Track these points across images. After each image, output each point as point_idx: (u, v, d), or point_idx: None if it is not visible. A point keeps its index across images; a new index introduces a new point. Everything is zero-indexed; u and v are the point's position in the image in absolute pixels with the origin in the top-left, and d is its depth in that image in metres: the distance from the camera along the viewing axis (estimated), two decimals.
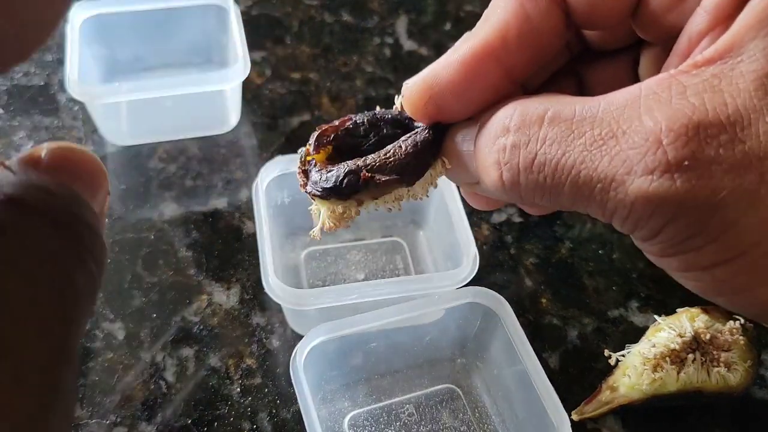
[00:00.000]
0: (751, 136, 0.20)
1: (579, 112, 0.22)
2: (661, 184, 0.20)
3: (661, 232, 0.21)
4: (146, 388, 0.48)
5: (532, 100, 0.23)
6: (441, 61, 0.26)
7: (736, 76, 0.20)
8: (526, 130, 0.23)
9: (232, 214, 0.59)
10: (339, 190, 0.25)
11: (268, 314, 0.52)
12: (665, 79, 0.21)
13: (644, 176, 0.20)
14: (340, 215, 0.26)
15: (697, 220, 0.20)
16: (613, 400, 0.47)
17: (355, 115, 0.27)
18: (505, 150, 0.23)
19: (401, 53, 0.73)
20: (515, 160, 0.23)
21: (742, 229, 0.20)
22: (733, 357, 0.45)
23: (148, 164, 0.62)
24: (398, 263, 0.56)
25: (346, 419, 0.47)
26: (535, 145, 0.22)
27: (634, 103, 0.21)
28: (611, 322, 0.54)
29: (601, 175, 0.21)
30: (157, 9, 0.64)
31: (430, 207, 0.57)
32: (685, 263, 0.22)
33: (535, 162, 0.22)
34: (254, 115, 0.66)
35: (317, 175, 0.26)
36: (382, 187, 0.26)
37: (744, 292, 0.22)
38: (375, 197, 0.26)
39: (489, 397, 0.49)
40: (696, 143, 0.20)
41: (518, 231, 0.59)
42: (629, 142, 0.21)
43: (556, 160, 0.22)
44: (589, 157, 0.21)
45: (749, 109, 0.20)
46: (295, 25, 0.75)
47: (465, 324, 0.49)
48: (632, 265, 0.57)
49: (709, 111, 0.20)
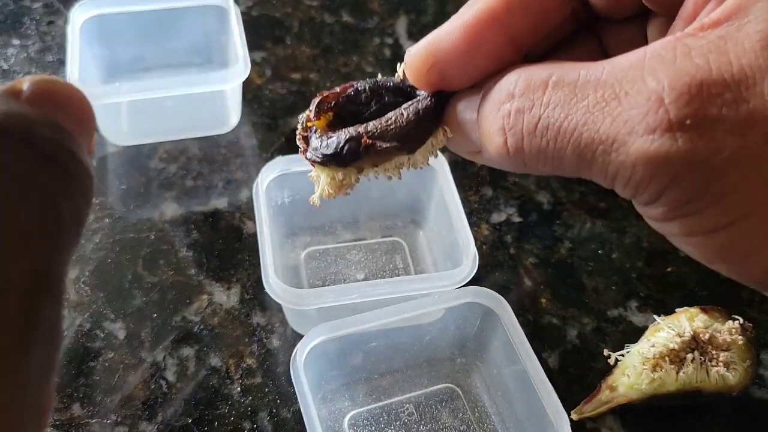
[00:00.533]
0: (756, 95, 0.19)
1: (583, 75, 0.22)
2: (663, 144, 0.20)
3: (662, 194, 0.21)
4: (147, 388, 0.48)
5: (536, 66, 0.23)
6: (444, 27, 0.25)
7: (742, 37, 0.20)
8: (530, 95, 0.22)
9: (232, 214, 0.59)
10: (339, 157, 0.25)
11: (269, 314, 0.53)
12: (670, 42, 0.21)
13: (645, 136, 0.20)
14: (340, 182, 0.26)
15: (699, 181, 0.20)
16: (612, 400, 0.47)
17: (356, 82, 0.27)
18: (510, 115, 0.23)
19: (401, 53, 0.73)
20: (519, 125, 0.23)
21: (744, 191, 0.20)
22: (732, 357, 0.45)
23: (148, 164, 0.62)
24: (398, 263, 0.57)
25: (346, 419, 0.48)
26: (539, 110, 0.22)
27: (638, 65, 0.21)
28: (610, 321, 0.54)
29: (602, 136, 0.21)
30: (158, 9, 0.64)
31: (430, 207, 0.57)
32: (687, 228, 0.21)
33: (538, 126, 0.22)
34: (254, 115, 0.66)
35: (317, 142, 0.26)
36: (383, 154, 0.25)
37: (746, 258, 0.21)
38: (375, 164, 0.26)
39: (488, 397, 0.49)
40: (698, 102, 0.19)
41: (518, 231, 0.59)
42: (631, 102, 0.20)
43: (559, 123, 0.22)
44: (591, 119, 0.21)
45: (754, 69, 0.19)
46: (295, 26, 0.75)
47: (465, 324, 0.49)
48: (632, 264, 0.57)
49: (713, 70, 0.20)
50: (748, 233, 0.20)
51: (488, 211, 0.60)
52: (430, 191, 0.56)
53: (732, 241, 0.21)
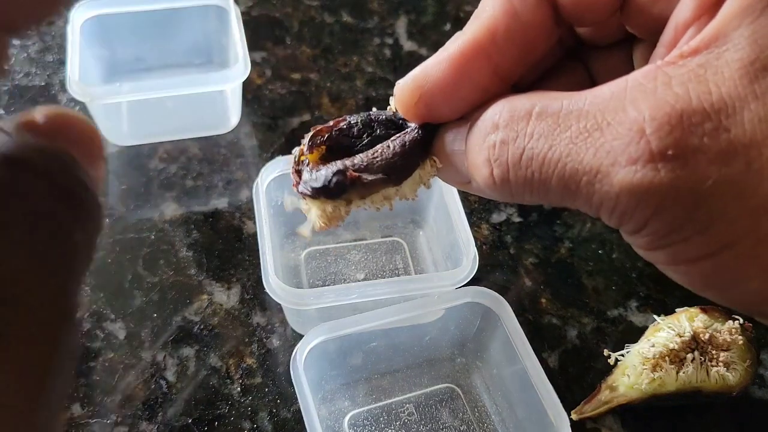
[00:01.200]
0: (737, 123, 0.19)
1: (566, 106, 0.22)
2: (645, 175, 0.20)
3: (647, 224, 0.21)
4: (147, 388, 0.48)
5: (520, 97, 0.23)
6: (431, 60, 0.26)
7: (722, 65, 0.20)
8: (515, 126, 0.23)
9: (232, 214, 0.59)
10: (327, 190, 0.26)
11: (269, 314, 0.53)
12: (651, 71, 0.21)
13: (628, 167, 0.20)
14: (330, 215, 0.27)
15: (683, 211, 0.20)
16: (612, 400, 0.47)
17: (349, 116, 0.28)
18: (495, 147, 0.23)
19: (401, 53, 0.73)
20: (504, 156, 0.23)
21: (728, 220, 0.20)
22: (732, 356, 0.45)
23: (148, 164, 0.62)
24: (398, 263, 0.57)
25: (346, 419, 0.48)
26: (523, 140, 0.22)
27: (620, 95, 0.21)
28: (610, 321, 0.54)
29: (586, 167, 0.21)
30: (158, 9, 0.64)
31: (430, 207, 0.57)
32: (673, 256, 0.22)
33: (523, 157, 0.22)
34: (254, 115, 0.66)
35: (308, 175, 0.26)
36: (369, 186, 0.26)
37: (732, 285, 0.21)
38: (363, 197, 0.26)
39: (488, 397, 0.49)
40: (679, 132, 0.20)
41: (518, 231, 0.59)
42: (613, 133, 0.20)
43: (543, 154, 0.22)
44: (574, 150, 0.21)
45: (734, 98, 0.20)
46: (295, 26, 0.75)
47: (465, 324, 0.49)
48: (632, 264, 0.57)
49: (693, 99, 0.20)
50: (733, 261, 0.20)
51: (488, 211, 0.60)
52: (430, 191, 0.56)
53: (717, 270, 0.21)
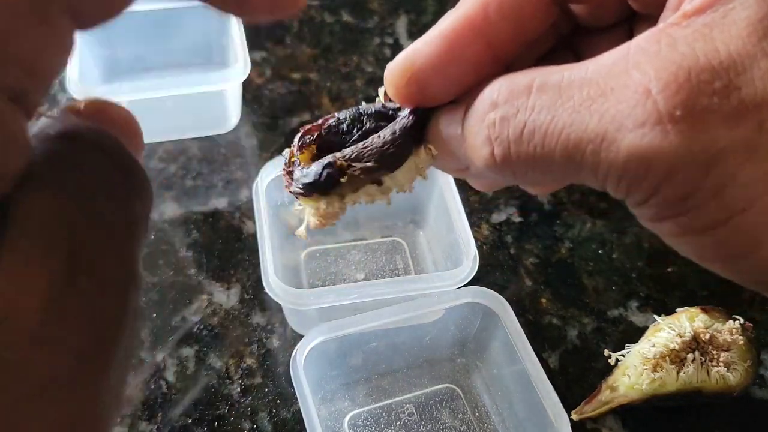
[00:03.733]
0: (747, 82, 0.19)
1: (567, 76, 0.21)
2: (654, 137, 0.19)
3: (656, 192, 0.20)
4: (147, 388, 0.48)
5: (518, 73, 0.23)
6: (422, 39, 0.25)
7: (728, 23, 0.19)
8: (515, 101, 0.22)
9: (232, 214, 0.59)
10: (318, 184, 0.25)
11: (268, 314, 0.52)
12: (654, 34, 0.20)
13: (636, 130, 0.19)
14: (324, 212, 0.26)
15: (693, 175, 0.19)
16: (612, 400, 0.47)
17: (338, 113, 0.27)
18: (495, 124, 0.22)
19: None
20: (505, 133, 0.22)
21: (740, 184, 0.19)
22: (732, 357, 0.45)
23: (148, 164, 0.62)
24: (398, 263, 0.57)
25: (346, 419, 0.48)
26: (524, 114, 0.22)
27: (623, 60, 0.20)
28: (611, 321, 0.54)
29: (591, 135, 0.20)
30: (158, 9, 0.64)
31: (430, 207, 0.57)
32: (684, 226, 0.21)
33: (525, 131, 0.21)
34: (254, 115, 0.66)
35: (299, 173, 0.26)
36: (361, 175, 0.25)
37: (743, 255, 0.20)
38: (356, 189, 0.26)
39: (489, 397, 0.49)
40: (687, 90, 0.19)
41: (518, 231, 0.59)
42: (618, 98, 0.20)
43: (545, 126, 0.21)
44: (578, 119, 0.20)
45: (743, 55, 0.19)
46: (295, 25, 0.75)
47: (465, 324, 0.49)
48: (632, 264, 0.57)
49: (700, 57, 0.19)
50: (747, 228, 0.20)
51: (488, 211, 0.60)
52: (430, 191, 0.56)
53: (730, 238, 0.20)
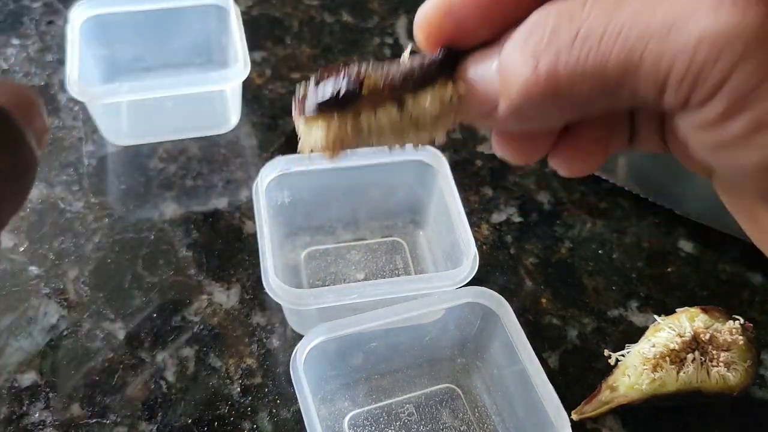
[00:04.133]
0: None
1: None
2: (731, 17, 0.17)
3: (726, 81, 0.18)
4: (146, 388, 0.48)
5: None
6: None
7: None
8: (569, 12, 0.20)
9: (232, 214, 0.59)
10: (337, 99, 0.23)
11: (268, 314, 0.52)
12: None
13: (710, 11, 0.18)
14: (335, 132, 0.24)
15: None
16: (612, 400, 0.47)
17: (357, 63, 0.25)
18: (543, 39, 0.20)
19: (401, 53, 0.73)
20: (554, 42, 0.20)
21: None
22: (732, 357, 0.45)
23: (148, 164, 0.62)
24: (398, 263, 0.57)
25: (346, 419, 0.48)
26: (579, 21, 0.20)
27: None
28: (611, 321, 0.54)
29: (654, 29, 0.18)
30: (157, 9, 0.64)
31: (430, 207, 0.57)
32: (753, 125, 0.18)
33: (578, 35, 0.20)
34: (254, 115, 0.66)
35: (312, 95, 0.24)
36: (383, 89, 0.24)
37: None
38: (374, 105, 0.24)
39: (489, 397, 0.49)
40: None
41: (518, 231, 0.59)
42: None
43: (603, 28, 0.19)
44: (640, 19, 0.19)
45: None
46: (295, 25, 0.75)
47: (465, 324, 0.49)
48: (632, 264, 0.57)
49: None
50: None
51: (488, 211, 0.60)
52: (430, 191, 0.56)
53: None
